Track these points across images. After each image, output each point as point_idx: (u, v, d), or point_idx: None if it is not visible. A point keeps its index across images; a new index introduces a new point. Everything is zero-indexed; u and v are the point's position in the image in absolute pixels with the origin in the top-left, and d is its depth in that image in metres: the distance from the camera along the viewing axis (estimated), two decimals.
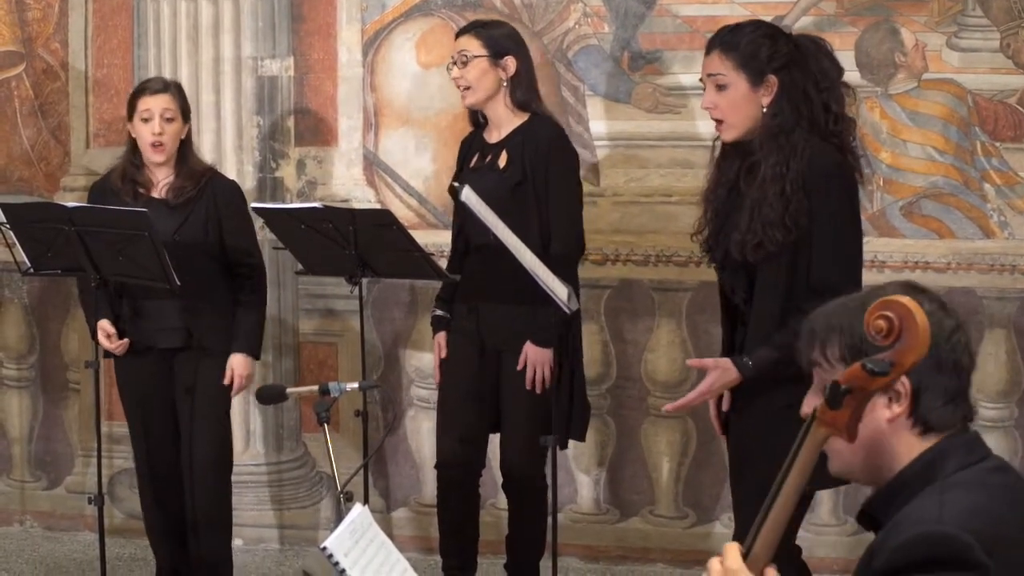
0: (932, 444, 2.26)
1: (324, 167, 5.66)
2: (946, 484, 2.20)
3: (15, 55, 5.87)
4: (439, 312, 4.93)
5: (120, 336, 4.86)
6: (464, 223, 4.73)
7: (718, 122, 3.88)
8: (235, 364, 4.91)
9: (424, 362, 5.60)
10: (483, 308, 4.75)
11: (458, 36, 4.83)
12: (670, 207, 5.36)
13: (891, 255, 5.21)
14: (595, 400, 5.47)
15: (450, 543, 4.92)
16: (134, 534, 5.71)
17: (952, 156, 5.22)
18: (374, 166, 5.64)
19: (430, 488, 4.93)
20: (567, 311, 4.35)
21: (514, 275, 4.49)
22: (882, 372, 2.20)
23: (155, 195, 4.90)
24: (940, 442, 2.26)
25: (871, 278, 4.12)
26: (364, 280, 4.81)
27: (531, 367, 4.66)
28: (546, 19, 5.47)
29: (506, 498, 4.95)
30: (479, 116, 4.85)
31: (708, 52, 3.89)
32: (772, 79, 3.79)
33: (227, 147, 5.61)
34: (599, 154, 5.45)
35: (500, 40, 4.72)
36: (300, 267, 4.97)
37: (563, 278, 4.35)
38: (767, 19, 4.46)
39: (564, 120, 5.44)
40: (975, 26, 5.17)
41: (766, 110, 3.79)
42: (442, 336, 4.91)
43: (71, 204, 4.79)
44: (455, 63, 4.75)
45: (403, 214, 5.31)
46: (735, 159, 3.88)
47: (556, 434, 4.51)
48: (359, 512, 3.09)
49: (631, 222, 5.42)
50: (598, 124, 5.44)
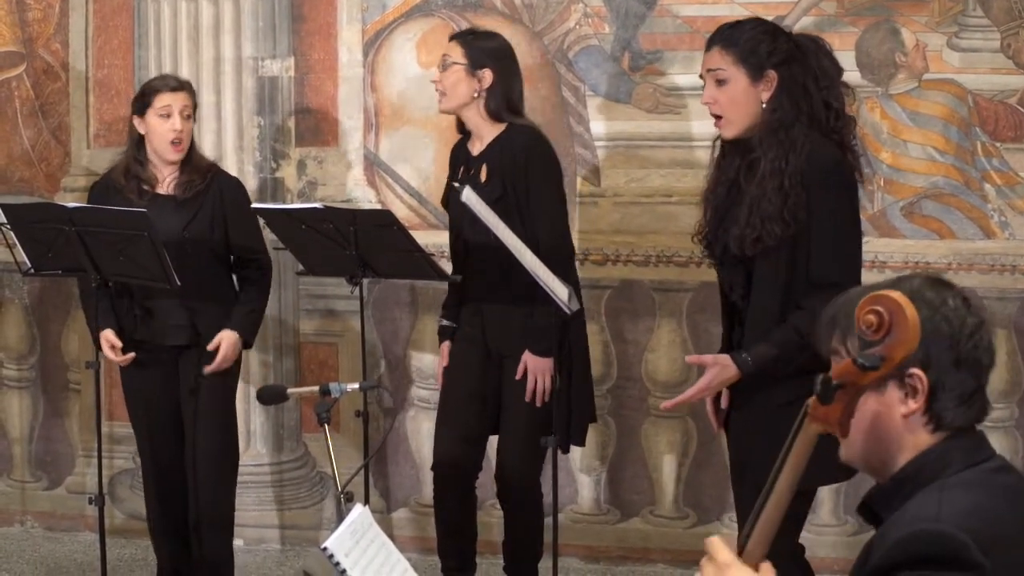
0: (937, 441, 2.26)
1: (325, 167, 5.66)
2: (947, 483, 2.20)
3: (16, 55, 5.87)
4: (445, 322, 4.93)
5: (126, 336, 4.83)
6: (463, 224, 4.72)
7: (717, 118, 3.89)
8: (224, 338, 4.81)
9: (425, 363, 5.60)
10: (487, 309, 4.74)
11: (449, 40, 4.84)
12: (671, 207, 5.36)
13: (892, 255, 5.21)
14: (596, 400, 5.47)
15: (448, 544, 4.91)
16: (135, 534, 5.72)
17: (953, 156, 5.22)
18: (375, 166, 5.64)
19: (430, 488, 4.92)
20: (568, 311, 4.35)
21: (515, 276, 4.49)
22: (872, 366, 2.19)
23: (161, 191, 4.87)
24: (944, 440, 2.26)
25: (871, 279, 4.10)
26: (365, 280, 4.81)
27: (531, 377, 4.65)
28: (547, 19, 5.47)
29: (501, 506, 4.91)
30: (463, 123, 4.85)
31: (708, 48, 3.90)
32: (772, 74, 3.80)
33: (228, 147, 5.60)
34: (599, 154, 5.45)
35: (481, 51, 4.70)
36: (301, 267, 4.97)
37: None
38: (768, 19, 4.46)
39: (564, 120, 5.45)
40: (976, 26, 5.17)
41: (765, 105, 3.80)
42: (447, 346, 4.91)
43: (71, 204, 4.78)
44: (439, 66, 4.79)
45: (404, 214, 5.31)
46: (735, 157, 3.88)
47: (557, 435, 4.51)
48: (360, 512, 3.09)
49: (632, 222, 5.42)
50: (598, 124, 5.44)
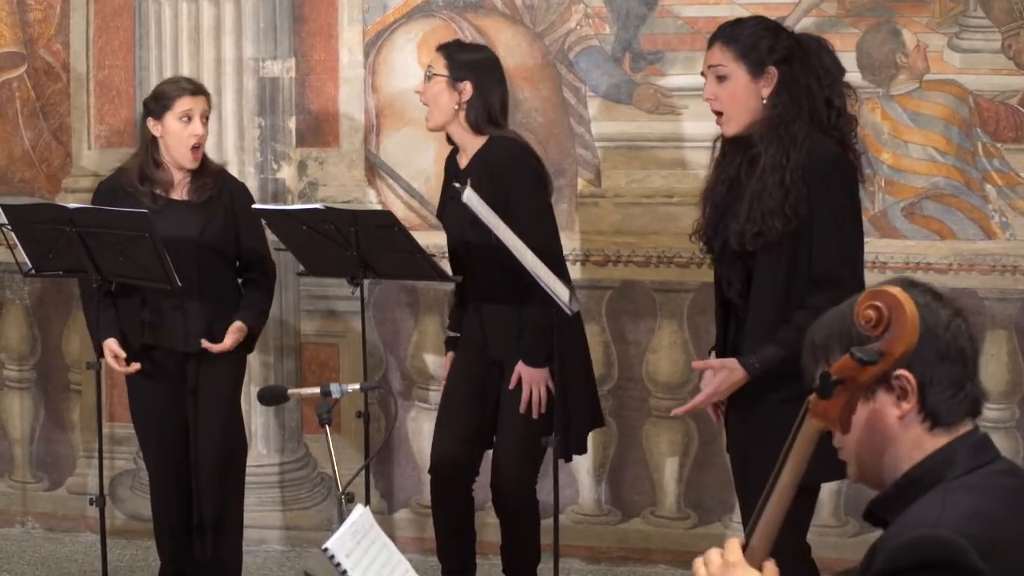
0: (942, 445, 2.25)
1: (325, 168, 5.66)
2: (950, 486, 2.20)
3: (16, 56, 5.87)
4: (451, 333, 4.93)
5: (133, 343, 4.80)
6: (462, 228, 4.69)
7: (718, 115, 3.89)
8: (235, 329, 4.79)
9: (425, 363, 5.60)
10: (486, 315, 4.72)
11: (436, 50, 4.80)
12: (671, 208, 5.36)
13: (892, 256, 5.21)
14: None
15: (447, 546, 4.89)
16: (136, 535, 5.72)
17: (953, 157, 5.21)
18: (376, 167, 5.64)
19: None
20: (569, 312, 4.34)
21: (514, 281, 4.49)
22: (871, 361, 2.19)
23: (175, 196, 4.83)
24: (949, 444, 2.26)
25: (872, 279, 4.11)
26: (365, 281, 4.81)
27: (526, 388, 4.63)
28: (547, 20, 5.47)
29: (496, 516, 4.88)
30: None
31: (710, 45, 3.91)
32: (772, 70, 3.80)
33: (229, 148, 5.60)
34: (600, 155, 5.45)
35: (462, 64, 4.68)
36: (301, 268, 4.97)
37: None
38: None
39: (565, 121, 5.45)
40: (976, 27, 5.17)
41: (766, 101, 3.80)
42: (450, 356, 4.91)
43: (72, 205, 4.78)
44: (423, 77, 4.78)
45: (404, 215, 5.31)
46: (736, 155, 3.88)
47: (558, 435, 4.50)
48: (360, 513, 3.09)
49: (632, 223, 5.42)
50: (599, 125, 5.43)
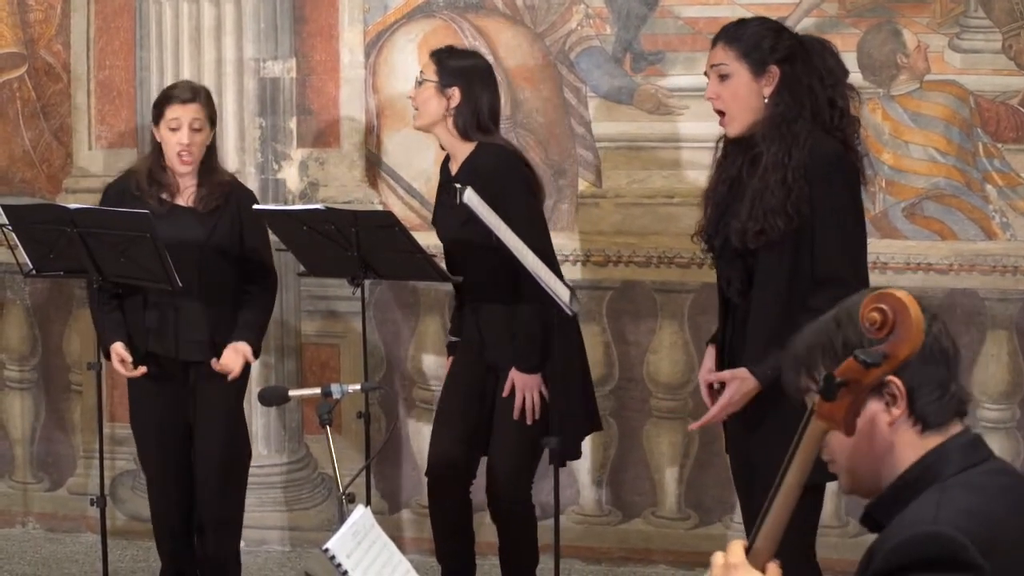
0: (934, 446, 2.26)
1: (326, 169, 5.66)
2: (945, 486, 2.21)
3: (17, 56, 5.87)
4: (452, 338, 4.93)
5: (140, 347, 4.79)
6: (454, 229, 4.69)
7: (721, 114, 3.90)
8: (240, 350, 4.78)
9: (426, 364, 5.60)
10: (483, 320, 4.71)
11: (428, 56, 4.81)
12: (672, 208, 5.35)
13: (893, 256, 5.21)
14: (597, 402, 5.46)
15: (446, 548, 4.89)
16: (136, 536, 5.72)
17: (954, 157, 5.21)
18: (376, 167, 5.64)
19: None
20: (569, 312, 4.34)
21: (510, 284, 4.49)
22: (875, 363, 2.20)
23: (181, 202, 4.82)
24: (941, 445, 2.26)
25: (873, 279, 4.13)
26: (366, 282, 4.81)
27: (519, 394, 4.63)
28: (548, 20, 5.47)
29: (492, 522, 4.86)
30: None
31: (713, 45, 3.93)
32: (774, 69, 3.81)
33: (229, 149, 5.59)
34: (601, 155, 5.45)
35: (452, 70, 4.67)
36: (302, 268, 4.97)
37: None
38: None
39: (566, 121, 5.45)
40: (977, 27, 5.17)
41: (768, 100, 3.81)
42: (450, 360, 4.91)
43: (73, 206, 4.78)
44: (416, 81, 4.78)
45: (405, 216, 5.31)
46: (738, 155, 3.89)
47: (557, 435, 4.50)
48: (361, 513, 3.09)
49: (633, 223, 5.42)
50: (600, 125, 5.43)
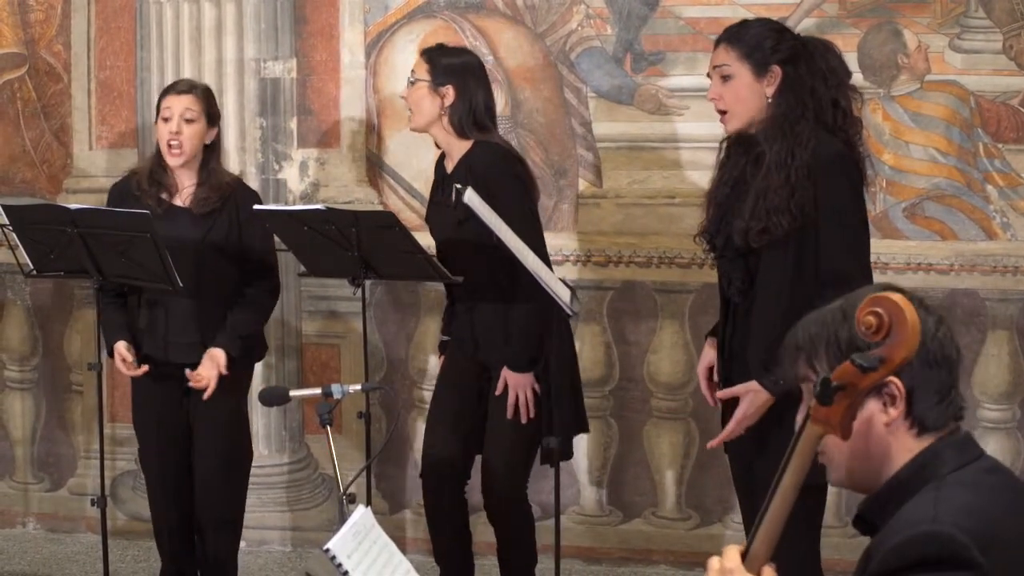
0: (926, 446, 2.26)
1: (327, 169, 5.66)
2: (940, 485, 2.21)
3: (18, 57, 5.87)
4: (444, 337, 4.93)
5: (137, 348, 4.80)
6: (448, 228, 4.69)
7: (722, 113, 3.90)
8: (213, 356, 4.72)
9: (427, 364, 5.60)
10: (477, 319, 4.70)
11: (419, 55, 4.81)
12: (673, 209, 5.36)
13: (894, 256, 5.21)
14: (598, 402, 5.48)
15: (443, 548, 4.88)
16: (137, 536, 5.72)
17: (955, 158, 5.21)
18: (377, 168, 5.64)
19: None
20: (570, 313, 4.34)
21: (505, 283, 4.49)
22: (871, 367, 2.20)
23: (178, 203, 4.80)
24: (933, 444, 2.27)
25: (874, 279, 4.12)
26: (367, 282, 4.81)
27: (512, 393, 4.62)
28: (549, 21, 5.47)
29: (489, 523, 4.86)
30: None
31: (716, 46, 3.93)
32: (776, 69, 3.81)
33: (230, 149, 5.59)
34: (601, 156, 5.45)
35: (444, 68, 4.67)
36: (303, 269, 4.97)
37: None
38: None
39: (566, 122, 5.45)
40: (977, 28, 5.17)
41: (770, 100, 3.81)
42: (442, 360, 4.92)
43: (74, 206, 4.76)
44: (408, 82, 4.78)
45: (406, 216, 5.31)
46: (740, 156, 3.89)
47: (558, 436, 4.51)
48: (361, 514, 3.09)
49: (634, 224, 5.42)
50: (600, 126, 5.43)
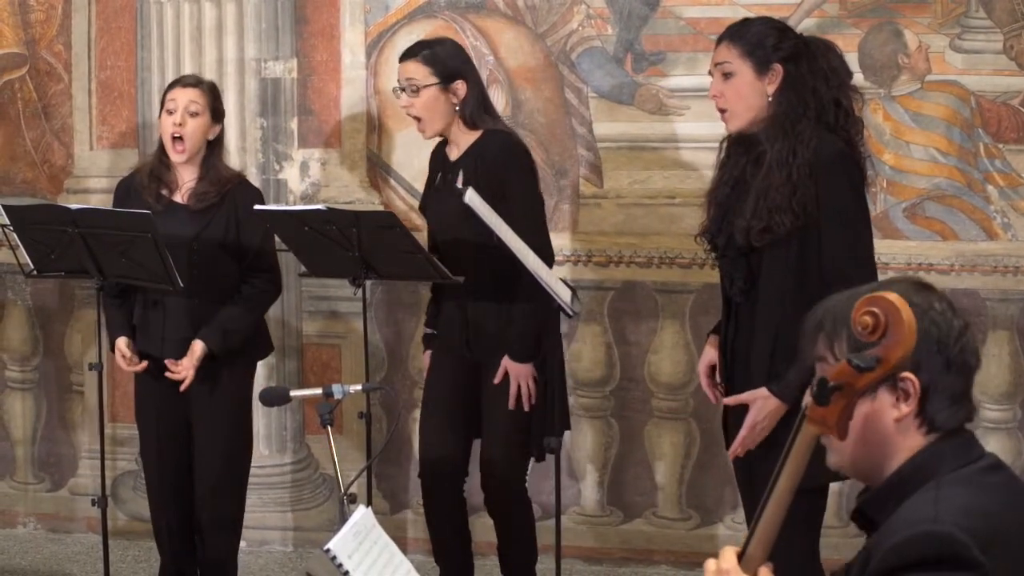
0: (930, 442, 2.26)
1: (327, 169, 5.66)
2: (941, 483, 2.21)
3: (18, 57, 5.87)
4: (428, 330, 4.93)
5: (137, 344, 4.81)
6: (447, 220, 4.69)
7: (723, 112, 3.89)
8: (192, 347, 4.72)
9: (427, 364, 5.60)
10: (470, 308, 4.69)
11: (403, 60, 4.71)
12: (674, 209, 5.36)
13: (894, 257, 5.21)
14: (599, 402, 5.48)
15: (443, 548, 4.89)
16: (137, 536, 5.72)
17: (955, 158, 5.21)
18: (377, 168, 5.64)
19: None
20: (571, 314, 4.34)
21: (502, 280, 4.49)
22: (868, 368, 2.19)
23: (178, 199, 4.80)
24: (935, 442, 2.26)
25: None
26: (367, 282, 4.81)
27: (513, 383, 4.62)
28: (549, 21, 5.47)
29: (490, 516, 4.87)
30: None
31: (718, 44, 3.92)
32: (777, 68, 3.80)
33: (231, 149, 5.56)
34: (602, 156, 5.44)
35: (448, 63, 4.63)
36: (303, 269, 4.97)
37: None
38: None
39: (567, 122, 5.45)
40: (978, 28, 5.17)
41: (771, 99, 3.80)
42: (429, 354, 4.92)
43: (74, 206, 4.76)
44: (403, 90, 4.67)
45: (406, 216, 5.31)
46: (741, 156, 3.89)
47: (558, 434, 4.51)
48: (362, 514, 3.09)
49: (634, 224, 5.42)
50: (601, 126, 5.43)
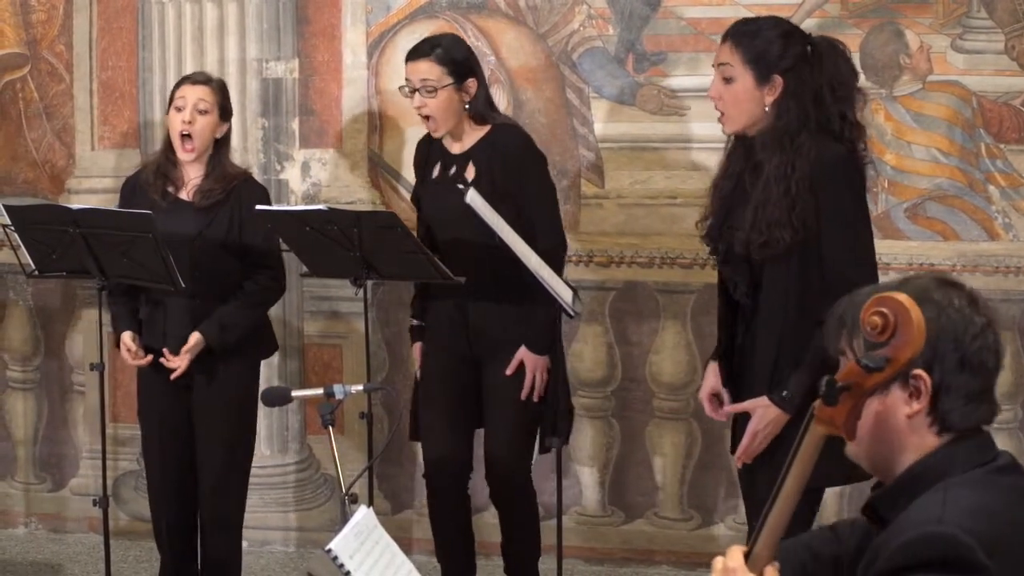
0: (944, 442, 2.25)
1: (329, 169, 5.66)
2: (951, 484, 2.20)
3: (20, 57, 5.87)
4: (415, 322, 4.93)
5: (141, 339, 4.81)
6: (443, 213, 4.69)
7: (720, 113, 3.89)
8: (189, 342, 4.72)
9: None
10: (472, 310, 4.70)
11: (413, 60, 4.68)
12: (675, 209, 5.35)
13: (895, 257, 5.21)
14: (600, 402, 5.48)
15: (446, 550, 4.89)
16: (139, 536, 5.71)
17: (956, 158, 5.21)
18: (379, 168, 5.64)
19: None
20: (572, 314, 4.34)
21: (504, 278, 4.50)
22: (877, 368, 2.19)
23: (183, 197, 4.81)
24: (950, 441, 2.25)
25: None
26: (369, 282, 4.81)
27: (529, 374, 4.63)
28: (551, 21, 5.46)
29: (495, 507, 4.89)
30: None
31: (723, 41, 3.88)
32: (778, 79, 3.77)
33: (232, 149, 5.58)
34: (603, 156, 5.44)
35: (461, 63, 4.64)
36: (305, 269, 4.97)
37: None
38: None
39: (568, 122, 5.45)
40: (980, 28, 5.17)
41: (769, 109, 3.79)
42: (420, 347, 4.92)
43: (76, 206, 4.77)
44: (417, 91, 4.65)
45: (407, 216, 5.30)
46: (741, 156, 3.88)
47: (558, 435, 4.52)
48: (364, 514, 3.09)
49: (636, 224, 5.42)
50: (602, 126, 5.43)
